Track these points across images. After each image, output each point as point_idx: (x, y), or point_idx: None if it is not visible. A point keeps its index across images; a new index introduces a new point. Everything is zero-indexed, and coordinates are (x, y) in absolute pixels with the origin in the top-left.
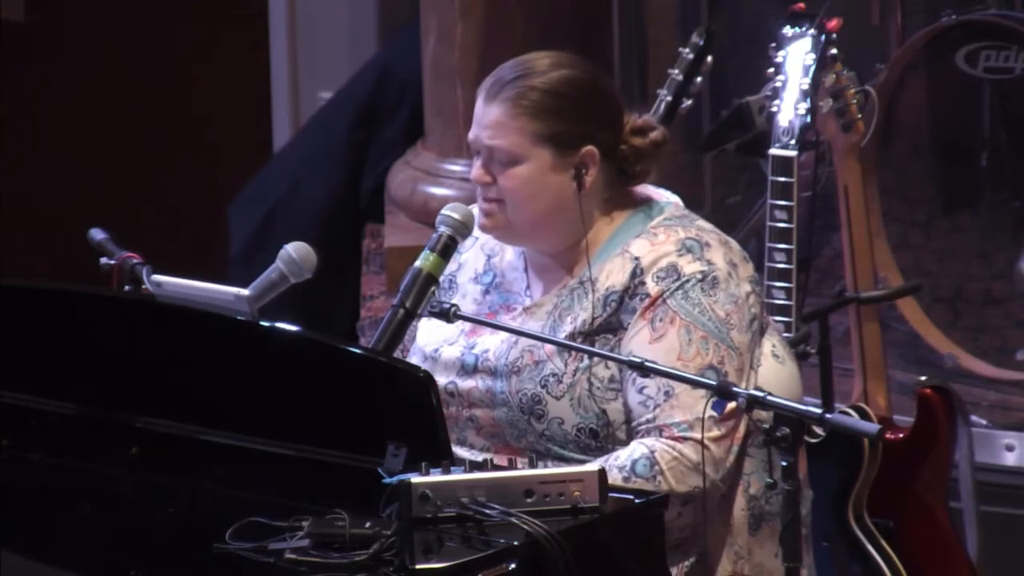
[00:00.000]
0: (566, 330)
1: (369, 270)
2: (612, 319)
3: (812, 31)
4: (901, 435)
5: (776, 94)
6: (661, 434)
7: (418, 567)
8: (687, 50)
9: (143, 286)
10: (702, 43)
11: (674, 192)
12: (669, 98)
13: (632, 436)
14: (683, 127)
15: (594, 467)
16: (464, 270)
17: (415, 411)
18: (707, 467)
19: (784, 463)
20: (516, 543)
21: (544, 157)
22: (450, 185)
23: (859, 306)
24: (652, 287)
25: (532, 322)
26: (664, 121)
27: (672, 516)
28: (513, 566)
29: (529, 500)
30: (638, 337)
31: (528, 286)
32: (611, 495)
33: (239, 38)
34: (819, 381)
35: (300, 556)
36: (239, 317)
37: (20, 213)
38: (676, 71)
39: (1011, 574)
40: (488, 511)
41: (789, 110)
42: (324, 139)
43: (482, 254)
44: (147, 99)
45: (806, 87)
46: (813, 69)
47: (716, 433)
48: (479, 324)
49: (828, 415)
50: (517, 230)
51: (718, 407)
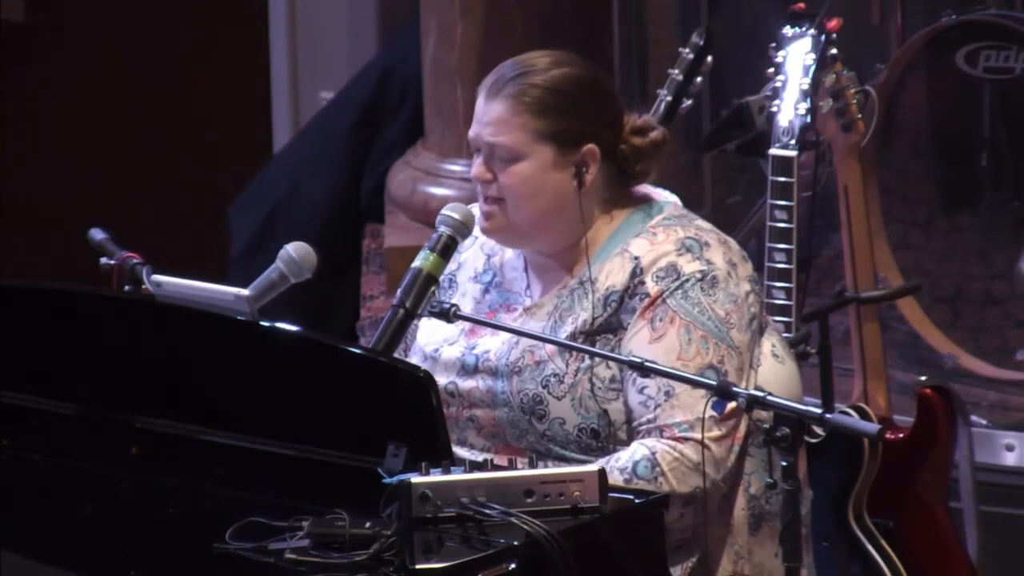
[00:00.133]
0: (567, 330)
1: (369, 270)
2: (612, 319)
3: (812, 31)
4: (901, 435)
5: (776, 94)
6: (662, 434)
7: (418, 567)
8: (687, 50)
9: (143, 286)
10: (702, 43)
11: (674, 192)
12: (669, 98)
13: (633, 436)
14: (683, 127)
15: (594, 467)
16: (464, 269)
17: (415, 411)
18: (708, 467)
19: (784, 463)
20: (516, 543)
21: (545, 154)
22: (450, 185)
23: (859, 306)
24: (652, 287)
25: (533, 323)
26: (664, 121)
27: (674, 517)
28: (513, 566)
29: (529, 500)
30: (638, 337)
31: (528, 286)
32: (611, 495)
33: (239, 38)
34: (819, 381)
35: (300, 556)
36: (239, 317)
37: (20, 213)
38: (676, 71)
39: (1011, 574)
40: (488, 511)
41: (789, 110)
42: (325, 139)
43: (482, 253)
44: (147, 99)
45: (806, 87)
46: (813, 69)
47: (717, 433)
48: (479, 324)
49: (828, 415)
50: (517, 230)
51: (718, 407)
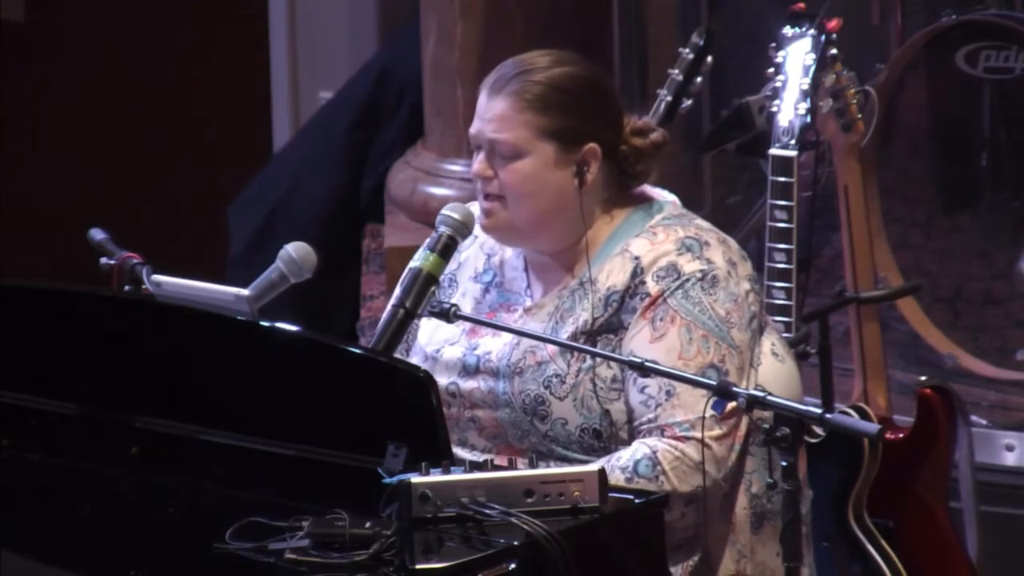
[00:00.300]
0: (568, 331)
1: (369, 270)
2: (613, 319)
3: (812, 31)
4: (901, 435)
5: (776, 94)
6: (663, 434)
7: (418, 567)
8: (687, 50)
9: (143, 286)
10: (702, 43)
11: (674, 192)
12: (669, 98)
13: (634, 436)
14: (683, 127)
15: (594, 467)
16: (464, 269)
17: (415, 411)
18: (709, 466)
19: (784, 463)
20: (516, 543)
21: (547, 152)
22: (450, 185)
23: (859, 306)
24: (652, 286)
25: (533, 323)
26: (664, 121)
27: (675, 516)
28: (513, 566)
29: (529, 500)
30: (639, 336)
31: (529, 286)
32: (611, 495)
33: (239, 38)
34: (819, 381)
35: (300, 556)
36: (239, 317)
37: (20, 213)
38: (676, 71)
39: (1011, 574)
40: (488, 511)
41: (789, 110)
42: (324, 139)
43: (482, 253)
44: (147, 99)
45: (806, 87)
46: (813, 69)
47: (718, 432)
48: (479, 324)
49: (828, 415)
50: (518, 228)
51: (718, 407)
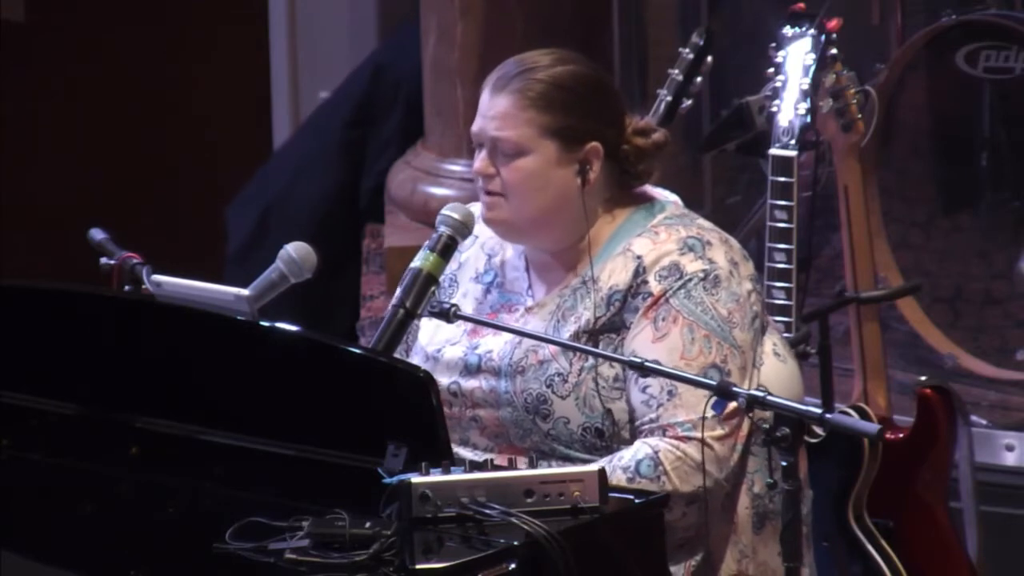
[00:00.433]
0: (570, 330)
1: (369, 270)
2: (615, 318)
3: (812, 31)
4: (901, 435)
5: (776, 94)
6: (664, 434)
7: (418, 567)
8: (687, 50)
9: (143, 286)
10: (702, 43)
11: (674, 192)
12: (669, 98)
13: (636, 435)
14: (683, 127)
15: (594, 467)
16: (465, 269)
17: (415, 411)
18: (711, 466)
19: (784, 463)
20: (516, 543)
21: (550, 150)
22: (450, 185)
23: (859, 306)
24: (655, 286)
25: (535, 322)
26: (664, 121)
27: (677, 516)
28: (513, 566)
29: (529, 500)
30: (641, 336)
31: (530, 286)
32: (611, 495)
33: (239, 38)
34: (819, 381)
35: (300, 556)
36: (239, 317)
37: (20, 213)
38: (676, 71)
39: (1011, 574)
40: (488, 511)
41: (789, 110)
42: (319, 138)
43: (482, 253)
44: (147, 99)
45: (806, 87)
46: (813, 69)
47: (719, 432)
48: (479, 324)
49: (828, 415)
50: (518, 225)
51: (718, 407)
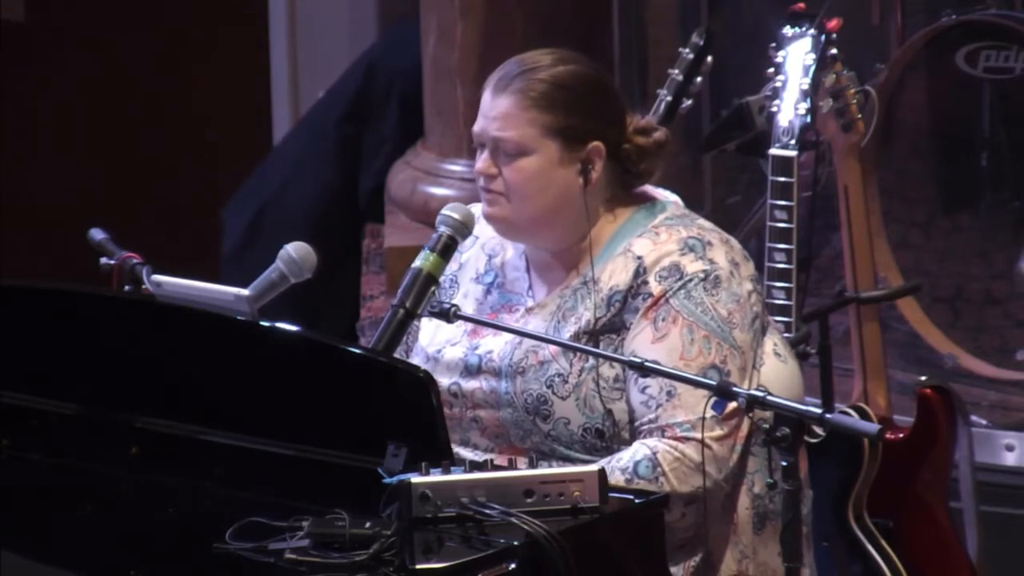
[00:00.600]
0: (570, 330)
1: (369, 270)
2: (615, 319)
3: (812, 31)
4: (901, 435)
5: (776, 94)
6: (663, 434)
7: (418, 567)
8: (687, 50)
9: (143, 286)
10: (702, 43)
11: (674, 192)
12: (669, 98)
13: (635, 436)
14: (683, 127)
15: (594, 467)
16: (465, 269)
17: (415, 411)
18: (710, 466)
19: (784, 463)
20: (516, 543)
21: (552, 150)
22: (450, 185)
23: (859, 306)
24: (655, 287)
25: (535, 322)
26: (664, 121)
27: (676, 517)
28: (513, 566)
29: (529, 500)
30: (641, 337)
31: (530, 286)
32: (611, 495)
33: (239, 38)
34: (819, 381)
35: (300, 556)
36: (239, 317)
37: (20, 213)
38: (676, 71)
39: (1011, 574)
40: (488, 511)
41: (789, 110)
42: (313, 136)
43: (483, 254)
44: (147, 99)
45: (806, 87)
46: (813, 69)
47: (718, 432)
48: (479, 324)
49: (828, 415)
50: (519, 224)
51: (718, 407)
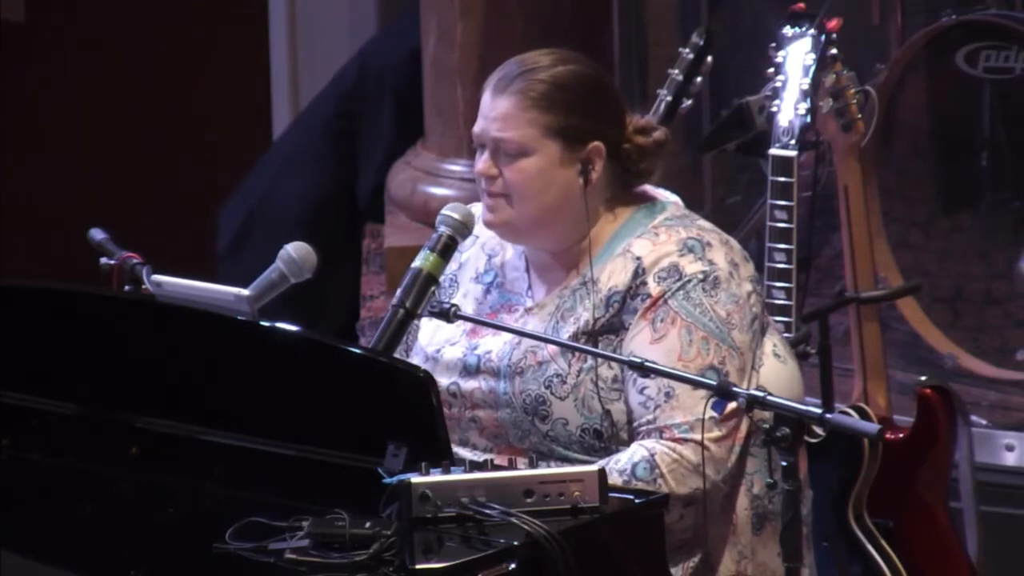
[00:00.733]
0: (569, 331)
1: (369, 270)
2: (614, 319)
3: (812, 31)
4: (901, 435)
5: (776, 94)
6: (661, 435)
7: (418, 567)
8: (687, 50)
9: (143, 286)
10: (702, 43)
11: (674, 192)
12: (669, 98)
13: (633, 437)
14: (683, 127)
15: (594, 467)
16: (465, 269)
17: (415, 411)
18: (708, 468)
19: (784, 463)
20: (516, 543)
21: (552, 150)
22: (450, 185)
23: (859, 306)
24: (654, 287)
25: (534, 323)
26: (664, 121)
27: (674, 518)
28: (513, 566)
29: (529, 500)
30: (639, 337)
31: (530, 286)
32: (611, 495)
33: (239, 38)
34: (819, 381)
35: (300, 556)
36: (239, 317)
37: (20, 213)
38: (676, 71)
39: (1011, 574)
40: (488, 511)
41: (789, 110)
42: (307, 132)
43: (483, 254)
44: (147, 99)
45: (806, 87)
46: (813, 69)
47: (717, 434)
48: (479, 324)
49: (828, 415)
50: (520, 226)
51: (718, 407)
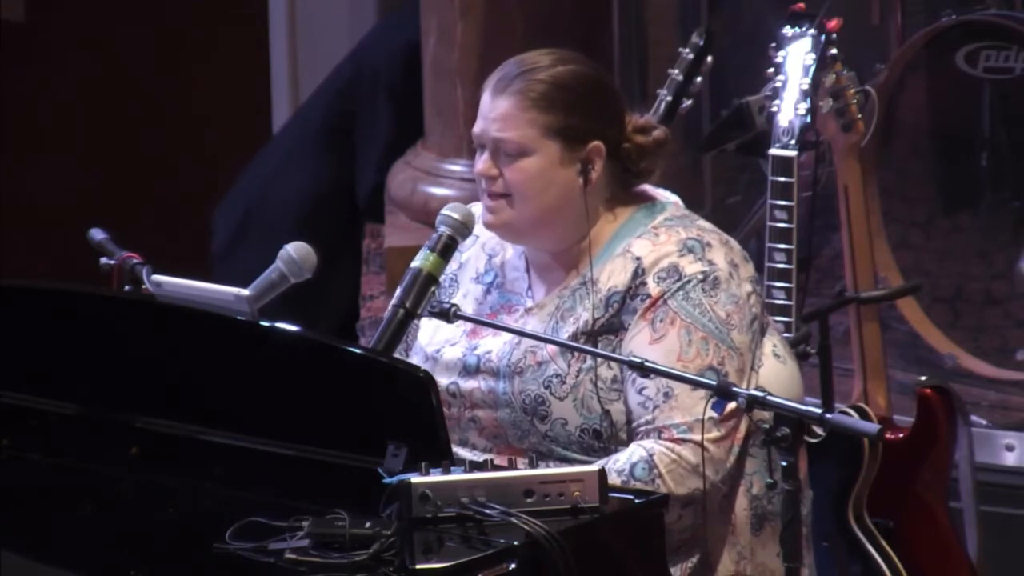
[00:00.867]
0: (568, 331)
1: (369, 270)
2: (614, 319)
3: (812, 31)
4: (901, 435)
5: (776, 94)
6: (660, 436)
7: (418, 567)
8: (687, 50)
9: (143, 286)
10: (702, 43)
11: (674, 192)
12: (669, 98)
13: (633, 437)
14: (683, 127)
15: (594, 467)
16: (465, 269)
17: (415, 411)
18: (707, 468)
19: (784, 463)
20: (516, 543)
21: (552, 150)
22: (450, 185)
23: (859, 306)
24: (653, 287)
25: (534, 323)
26: (664, 121)
27: (673, 519)
28: (513, 566)
29: (529, 500)
30: (639, 338)
31: (530, 287)
32: (611, 495)
33: (239, 38)
34: (819, 381)
35: (300, 556)
36: (239, 317)
37: (20, 213)
38: (676, 71)
39: (1011, 574)
40: (488, 511)
41: (789, 110)
42: (301, 131)
43: (483, 253)
44: (147, 99)
45: (806, 87)
46: (813, 69)
47: (716, 434)
48: (479, 324)
49: (828, 415)
50: (521, 226)
51: (718, 407)
